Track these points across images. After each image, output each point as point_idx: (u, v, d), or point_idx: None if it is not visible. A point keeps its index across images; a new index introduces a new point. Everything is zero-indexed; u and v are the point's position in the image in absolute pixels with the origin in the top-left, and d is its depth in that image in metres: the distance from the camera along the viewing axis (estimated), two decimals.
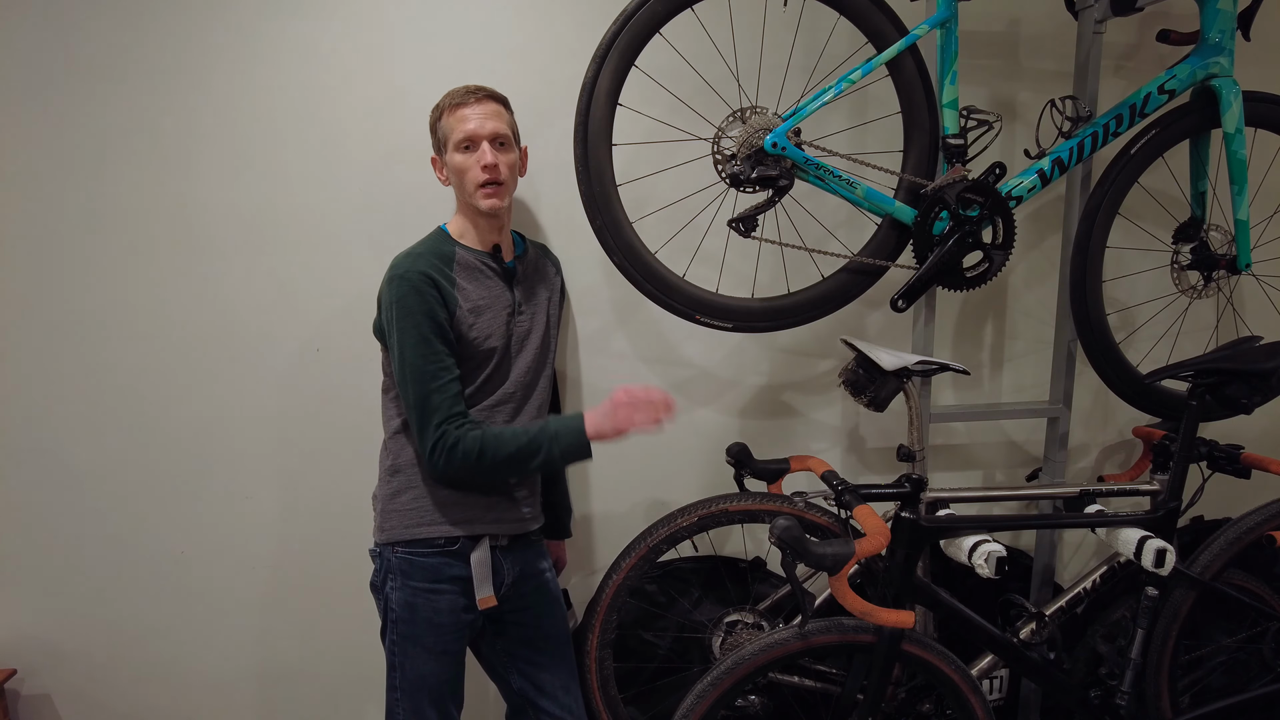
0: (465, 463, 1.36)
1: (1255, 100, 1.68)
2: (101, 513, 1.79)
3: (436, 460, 1.37)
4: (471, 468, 1.37)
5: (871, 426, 2.01)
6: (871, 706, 1.43)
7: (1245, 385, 1.50)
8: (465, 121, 1.42)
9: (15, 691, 1.83)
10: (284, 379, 1.79)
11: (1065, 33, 1.90)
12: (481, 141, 1.43)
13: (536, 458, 1.38)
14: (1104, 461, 2.11)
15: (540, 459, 1.38)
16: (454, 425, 1.37)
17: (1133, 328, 2.06)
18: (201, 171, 1.71)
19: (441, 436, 1.36)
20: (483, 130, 1.42)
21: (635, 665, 1.82)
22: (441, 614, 1.44)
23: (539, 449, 1.38)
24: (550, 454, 1.39)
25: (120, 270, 1.72)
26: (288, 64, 1.69)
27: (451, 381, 1.39)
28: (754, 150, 1.46)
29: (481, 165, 1.42)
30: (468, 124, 1.42)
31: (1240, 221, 1.69)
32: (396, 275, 1.39)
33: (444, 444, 1.36)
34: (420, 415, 1.37)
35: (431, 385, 1.37)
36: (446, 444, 1.36)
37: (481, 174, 1.42)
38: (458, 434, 1.36)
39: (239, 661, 1.88)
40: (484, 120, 1.42)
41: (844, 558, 1.23)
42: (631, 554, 1.58)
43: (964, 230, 1.56)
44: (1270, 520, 1.64)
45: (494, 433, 1.38)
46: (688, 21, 1.76)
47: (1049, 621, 1.62)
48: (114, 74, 1.66)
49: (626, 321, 1.88)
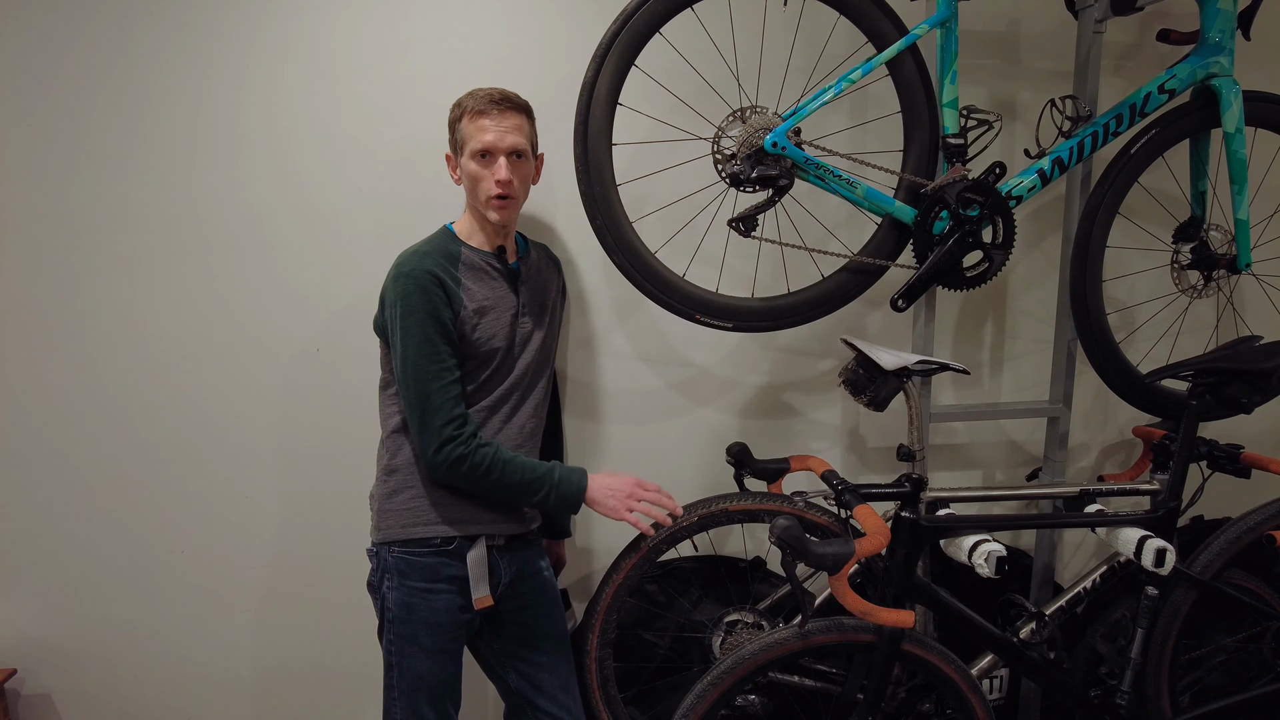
0: (470, 476, 1.39)
1: (1255, 100, 1.68)
2: (101, 513, 1.79)
3: (438, 462, 1.37)
4: (474, 481, 1.39)
5: (871, 426, 2.01)
6: (871, 706, 1.43)
7: (1245, 385, 1.50)
8: (485, 132, 1.41)
9: (15, 691, 1.83)
10: (285, 379, 1.79)
11: (1065, 32, 1.90)
12: (499, 156, 1.42)
13: (535, 495, 1.43)
14: (1104, 461, 2.11)
15: (538, 498, 1.44)
16: (454, 428, 1.37)
17: (1133, 327, 2.06)
18: (205, 170, 1.71)
19: (447, 441, 1.37)
20: (501, 144, 1.41)
21: (635, 665, 1.82)
22: (439, 614, 1.44)
23: (540, 489, 1.43)
24: (547, 498, 1.44)
25: (121, 269, 1.72)
26: (291, 63, 1.69)
27: (453, 382, 1.39)
28: (754, 150, 1.46)
29: (496, 179, 1.41)
30: (487, 135, 1.41)
31: (1240, 221, 1.69)
32: (402, 273, 1.39)
33: (450, 451, 1.37)
34: (421, 414, 1.38)
35: (433, 385, 1.37)
36: (454, 453, 1.37)
37: (495, 187, 1.42)
38: (469, 446, 1.38)
39: (238, 661, 1.88)
40: (504, 134, 1.41)
41: (844, 557, 1.23)
42: (631, 554, 1.58)
43: (964, 230, 1.56)
44: (1270, 520, 1.64)
45: (506, 457, 1.41)
46: (688, 21, 1.76)
47: (1049, 621, 1.62)
48: (117, 73, 1.66)
49: (626, 321, 1.88)
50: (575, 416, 1.89)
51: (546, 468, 1.44)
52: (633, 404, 1.90)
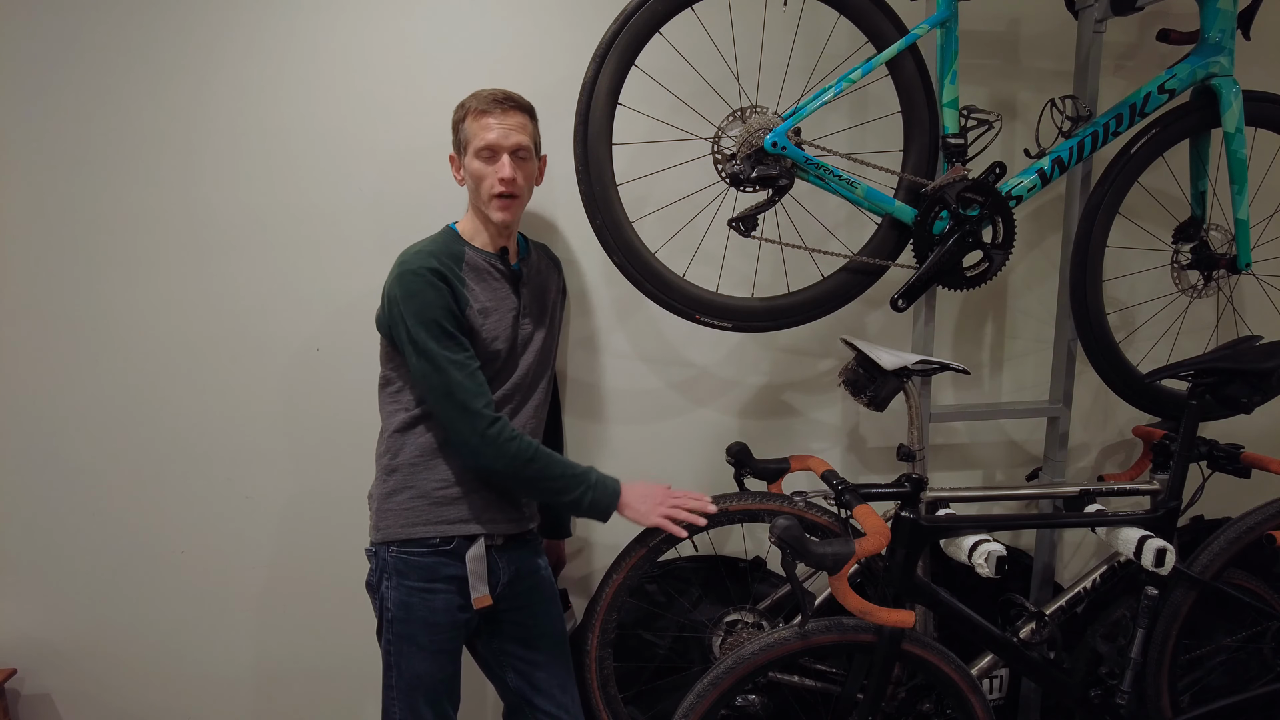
0: (515, 460, 1.38)
1: (1255, 99, 1.68)
2: (101, 513, 1.79)
3: (490, 437, 1.36)
4: (515, 467, 1.39)
5: (871, 426, 2.01)
6: (871, 706, 1.43)
7: (1245, 384, 1.50)
8: (488, 130, 1.41)
9: (15, 691, 1.83)
10: (285, 379, 1.79)
11: (1065, 32, 1.90)
12: (502, 154, 1.42)
13: (570, 494, 1.43)
14: (1104, 461, 2.11)
15: (571, 497, 1.43)
16: (495, 410, 1.39)
17: (1133, 327, 2.05)
18: (205, 171, 1.71)
19: (494, 421, 1.37)
20: (505, 143, 1.42)
21: (635, 665, 1.82)
22: (437, 613, 1.44)
23: (576, 488, 1.43)
24: (581, 500, 1.43)
25: (121, 270, 1.72)
26: (291, 63, 1.69)
27: (478, 369, 1.40)
28: (754, 150, 1.46)
29: (499, 178, 1.41)
30: (490, 133, 1.41)
31: (1240, 221, 1.69)
32: (408, 270, 1.38)
33: (500, 429, 1.37)
34: (458, 399, 1.36)
35: (461, 373, 1.37)
36: (504, 432, 1.37)
37: (498, 185, 1.42)
38: (515, 431, 1.39)
39: (238, 660, 1.88)
40: (507, 132, 1.42)
41: (844, 557, 1.23)
42: (631, 554, 1.58)
43: (964, 230, 1.56)
44: (1270, 519, 1.64)
45: (548, 451, 1.42)
46: (688, 21, 1.76)
47: (1049, 621, 1.62)
48: (119, 73, 1.66)
49: (626, 321, 1.88)
50: (575, 416, 1.89)
51: (585, 468, 1.45)
52: (633, 404, 1.90)
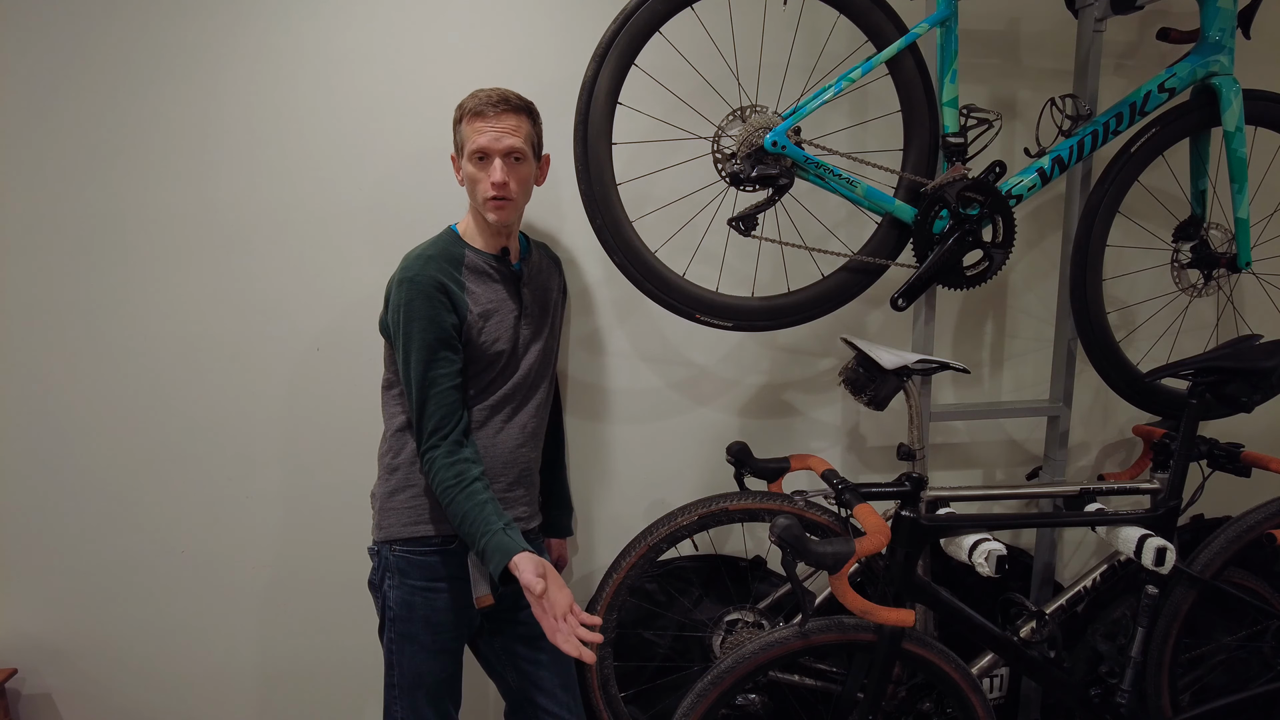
0: (438, 487, 1.38)
1: (1255, 98, 1.68)
2: (102, 512, 1.79)
3: (427, 460, 1.39)
4: (439, 492, 1.37)
5: (872, 425, 2.01)
6: (872, 705, 1.43)
7: (1245, 383, 1.50)
8: (481, 134, 1.39)
9: (15, 691, 1.83)
10: (287, 378, 1.79)
11: (1065, 31, 1.90)
12: (495, 158, 1.41)
13: (469, 537, 1.34)
14: (1104, 460, 2.11)
15: (472, 542, 1.34)
16: (439, 437, 1.37)
17: (1133, 326, 2.05)
18: (210, 172, 1.71)
19: (430, 449, 1.38)
20: (496, 146, 1.40)
21: (635, 664, 1.82)
22: (439, 612, 1.45)
23: (475, 537, 1.33)
24: (480, 549, 1.33)
25: (122, 270, 1.72)
26: (290, 63, 1.69)
27: (450, 389, 1.39)
28: (754, 149, 1.46)
29: (491, 181, 1.40)
30: (482, 137, 1.39)
31: (1240, 220, 1.69)
32: (406, 278, 1.39)
33: (435, 456, 1.38)
34: (418, 419, 1.40)
35: (430, 392, 1.38)
36: (438, 460, 1.38)
37: (490, 189, 1.41)
38: (443, 462, 1.37)
39: (239, 660, 1.88)
40: (500, 136, 1.39)
41: (844, 556, 1.23)
42: (632, 553, 1.58)
43: (964, 229, 1.56)
44: (1270, 518, 1.64)
45: (475, 492, 1.35)
46: (687, 20, 1.76)
47: (1049, 620, 1.62)
48: (125, 75, 1.65)
49: (626, 321, 1.88)
50: (576, 416, 1.89)
51: (497, 524, 1.33)
52: (633, 403, 1.90)
